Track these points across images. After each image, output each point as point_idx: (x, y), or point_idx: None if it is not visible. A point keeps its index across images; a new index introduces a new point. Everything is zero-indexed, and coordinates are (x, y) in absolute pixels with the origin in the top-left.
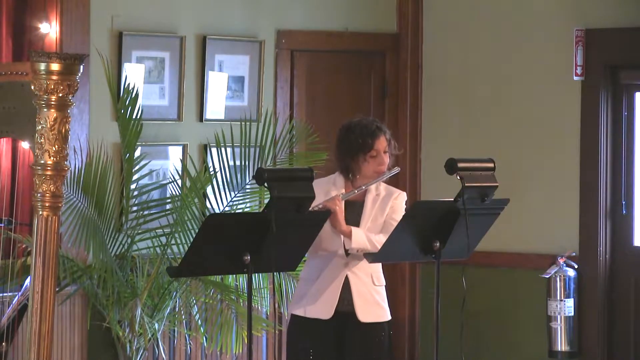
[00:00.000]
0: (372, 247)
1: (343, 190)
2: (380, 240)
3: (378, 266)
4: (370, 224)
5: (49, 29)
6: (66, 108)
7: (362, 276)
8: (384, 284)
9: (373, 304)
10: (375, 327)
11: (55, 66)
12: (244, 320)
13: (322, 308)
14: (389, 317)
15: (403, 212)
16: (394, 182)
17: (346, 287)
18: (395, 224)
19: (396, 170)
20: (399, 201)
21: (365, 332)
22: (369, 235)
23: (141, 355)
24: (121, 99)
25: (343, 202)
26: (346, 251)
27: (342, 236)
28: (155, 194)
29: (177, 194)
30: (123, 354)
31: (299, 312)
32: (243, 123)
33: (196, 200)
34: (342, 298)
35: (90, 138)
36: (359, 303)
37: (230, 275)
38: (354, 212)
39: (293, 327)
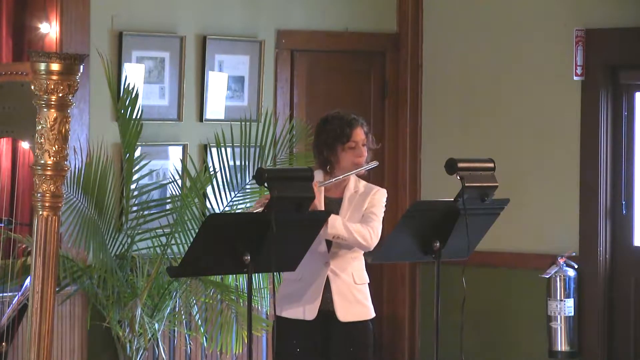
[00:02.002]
0: (348, 234)
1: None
2: (357, 229)
3: (360, 264)
4: (347, 219)
5: (49, 29)
6: (66, 108)
7: (342, 275)
8: (367, 281)
9: (354, 303)
10: (358, 325)
11: (55, 66)
12: (244, 320)
13: (305, 309)
14: (372, 315)
15: (382, 207)
16: (392, 180)
17: (327, 287)
18: (373, 216)
19: (374, 164)
20: (378, 196)
21: (348, 332)
22: (345, 222)
23: (141, 355)
24: (121, 99)
25: (322, 188)
26: (328, 247)
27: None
28: (155, 194)
29: (177, 194)
30: (123, 354)
31: (283, 313)
32: (243, 123)
33: (196, 200)
34: (324, 298)
35: (90, 138)
36: (339, 302)
37: (230, 275)
38: (332, 208)
39: (278, 328)
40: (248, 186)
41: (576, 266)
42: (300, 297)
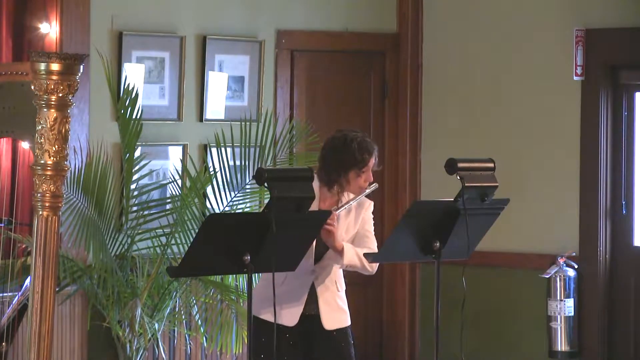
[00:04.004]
0: (360, 264)
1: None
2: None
3: (340, 272)
4: (344, 235)
5: (49, 29)
6: (66, 108)
7: (327, 283)
8: (345, 288)
9: (337, 310)
10: (341, 332)
11: (55, 66)
12: (244, 320)
13: (287, 314)
14: (349, 322)
15: (372, 222)
16: (393, 180)
17: (312, 293)
18: (370, 236)
19: (374, 186)
20: (369, 211)
21: (331, 339)
22: (357, 251)
23: (141, 355)
24: (121, 99)
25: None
26: (316, 257)
27: (313, 247)
28: (155, 194)
29: (177, 194)
30: (123, 354)
31: (263, 316)
32: (243, 123)
33: (196, 200)
34: (308, 304)
35: (90, 138)
36: (325, 310)
37: (230, 275)
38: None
39: (257, 330)
40: (248, 186)
41: (576, 266)
42: (283, 302)
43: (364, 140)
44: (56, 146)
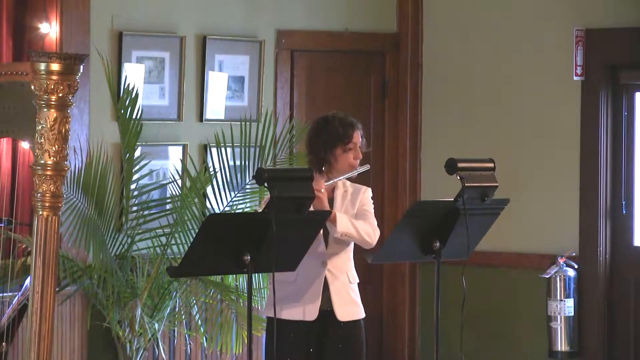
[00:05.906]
0: (355, 231)
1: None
2: (362, 226)
3: (352, 264)
4: None
5: (49, 29)
6: (66, 108)
7: (339, 275)
8: (357, 281)
9: (350, 303)
10: (354, 325)
11: (55, 66)
12: (244, 320)
13: (306, 309)
14: (363, 315)
15: (372, 205)
16: (392, 180)
17: (325, 286)
18: (369, 214)
19: (366, 167)
20: (367, 195)
21: (345, 331)
22: (351, 219)
23: (141, 355)
24: (121, 99)
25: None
26: (326, 247)
27: (321, 233)
28: (155, 194)
29: (177, 194)
30: (123, 354)
31: (283, 315)
32: (243, 123)
33: (196, 200)
34: (323, 298)
35: (90, 138)
36: (338, 302)
37: (230, 275)
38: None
39: (271, 329)
40: (248, 186)
41: (576, 266)
42: (299, 298)
43: (346, 116)
44: (56, 146)
